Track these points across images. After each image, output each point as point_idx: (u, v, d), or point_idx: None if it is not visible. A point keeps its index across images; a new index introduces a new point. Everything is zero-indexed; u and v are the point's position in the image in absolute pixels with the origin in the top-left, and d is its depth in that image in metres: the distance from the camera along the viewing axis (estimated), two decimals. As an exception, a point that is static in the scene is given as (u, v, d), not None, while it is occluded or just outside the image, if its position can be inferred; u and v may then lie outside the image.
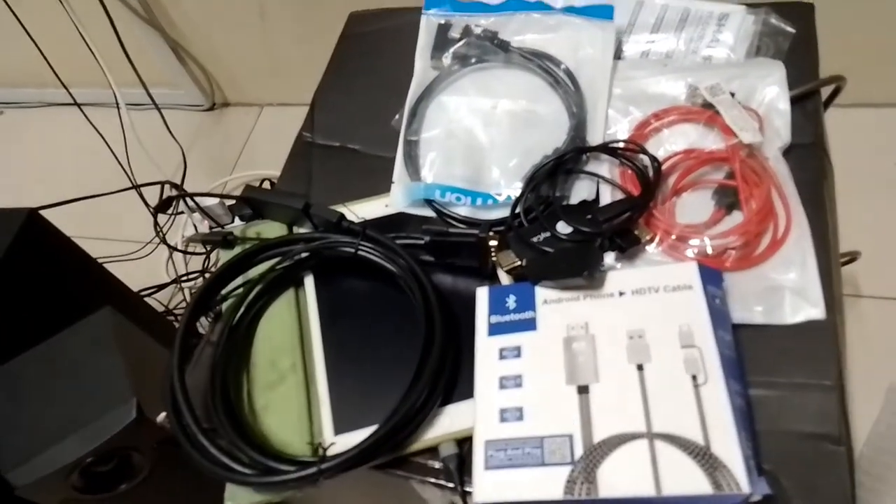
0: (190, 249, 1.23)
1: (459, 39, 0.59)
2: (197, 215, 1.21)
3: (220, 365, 0.46)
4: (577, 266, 0.44)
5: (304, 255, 0.52)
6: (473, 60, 0.59)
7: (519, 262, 0.49)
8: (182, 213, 1.24)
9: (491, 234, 0.50)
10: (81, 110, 1.18)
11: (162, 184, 1.25)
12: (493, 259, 0.49)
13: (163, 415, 0.50)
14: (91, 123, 1.18)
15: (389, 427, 0.41)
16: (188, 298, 1.17)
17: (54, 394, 0.58)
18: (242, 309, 0.50)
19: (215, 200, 1.20)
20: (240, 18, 1.32)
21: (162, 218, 1.19)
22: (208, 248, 1.20)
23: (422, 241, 0.51)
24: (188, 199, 1.10)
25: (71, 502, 0.57)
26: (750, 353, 0.44)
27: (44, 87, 1.62)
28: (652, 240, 0.49)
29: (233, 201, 0.71)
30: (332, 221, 0.53)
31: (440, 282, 0.51)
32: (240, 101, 1.55)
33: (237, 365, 0.49)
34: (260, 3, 1.28)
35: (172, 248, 1.20)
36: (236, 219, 0.66)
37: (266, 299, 0.52)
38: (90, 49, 1.15)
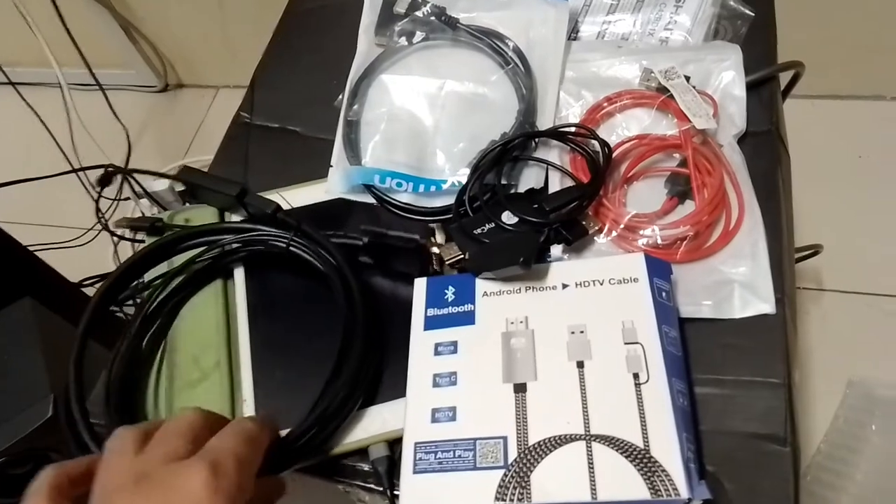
0: (139, 238, 1.17)
1: (405, 16, 0.56)
2: (144, 201, 1.15)
3: (124, 359, 0.43)
4: (514, 255, 0.41)
5: (232, 245, 0.49)
6: (419, 38, 0.56)
7: (462, 255, 0.46)
8: (128, 198, 1.19)
9: (434, 239, 0.47)
10: (17, 90, 1.12)
11: (105, 167, 1.19)
12: (435, 255, 0.46)
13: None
14: (27, 104, 1.12)
15: (299, 433, 0.38)
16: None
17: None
18: (160, 299, 0.47)
19: (164, 185, 1.15)
20: (193, -3, 1.27)
21: (105, 203, 1.13)
22: (134, 235, 1.14)
23: (360, 242, 0.48)
24: (135, 185, 1.05)
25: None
26: (696, 349, 0.42)
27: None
28: (600, 230, 0.47)
29: (183, 187, 0.67)
30: (266, 212, 0.50)
31: (378, 284, 0.48)
32: (194, 83, 1.49)
33: (154, 360, 0.46)
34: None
35: (116, 236, 1.14)
36: (187, 205, 0.63)
37: (189, 290, 0.48)
38: (30, 27, 1.09)
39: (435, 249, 0.47)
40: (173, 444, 0.32)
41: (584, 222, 0.46)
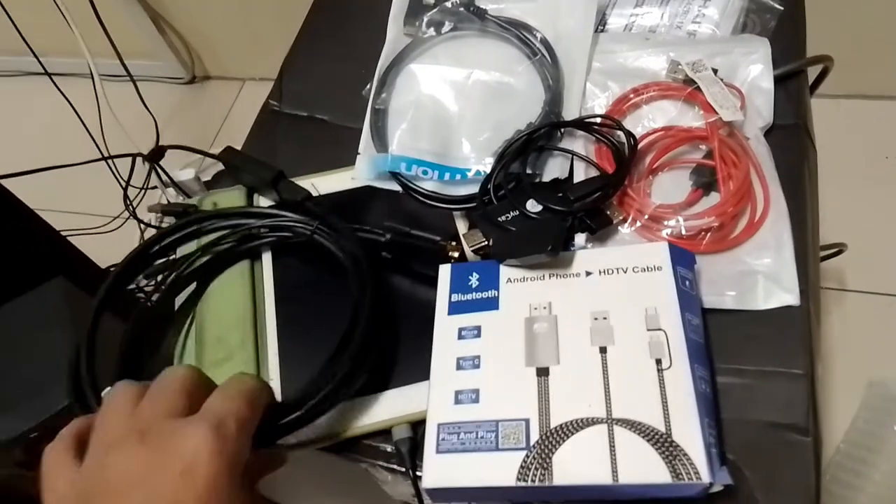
0: (155, 224, 1.20)
1: (434, 6, 0.57)
2: (171, 190, 1.18)
3: (135, 338, 0.44)
4: (539, 242, 0.41)
5: (259, 230, 0.50)
6: (447, 28, 0.56)
7: (485, 242, 0.46)
8: (155, 187, 1.22)
9: (453, 244, 0.47)
10: (52, 80, 1.14)
11: (134, 156, 1.22)
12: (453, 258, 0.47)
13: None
14: (61, 93, 1.15)
15: (293, 403, 0.38)
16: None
17: (1, 365, 0.55)
18: (183, 276, 0.48)
19: (191, 175, 1.18)
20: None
21: (132, 192, 1.16)
22: (160, 222, 1.16)
23: (382, 239, 0.48)
24: (162, 174, 1.08)
25: (17, 478, 0.55)
26: (719, 339, 0.42)
27: (17, 56, 1.58)
28: (625, 220, 0.47)
29: (208, 177, 0.69)
30: (296, 199, 0.51)
31: (402, 272, 0.49)
32: (221, 75, 1.52)
33: (178, 338, 0.47)
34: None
35: (143, 223, 1.17)
36: (215, 190, 0.64)
37: (215, 271, 0.49)
38: (64, 17, 1.11)
39: (454, 253, 0.47)
40: (172, 400, 0.31)
41: (608, 212, 0.47)
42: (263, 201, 0.54)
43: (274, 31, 1.34)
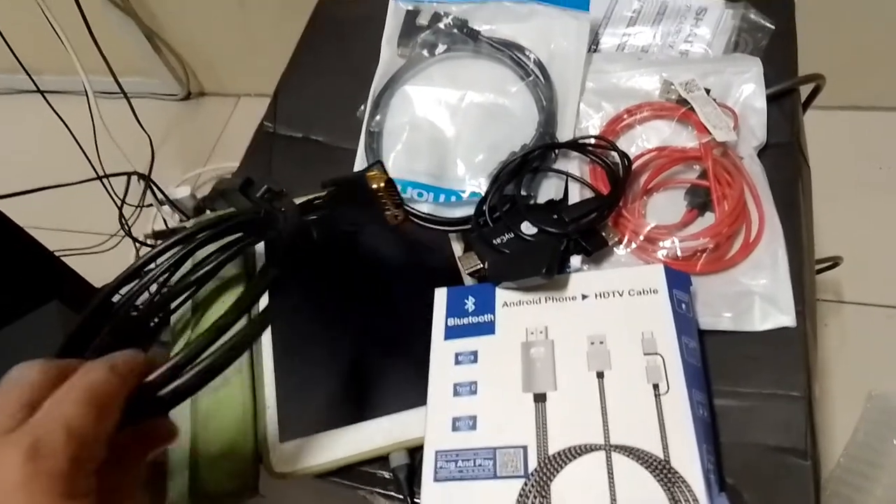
0: (150, 242, 1.19)
1: (428, 27, 0.57)
2: (166, 208, 1.18)
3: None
4: (535, 264, 0.41)
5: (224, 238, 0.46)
6: (441, 49, 0.56)
7: (481, 265, 0.46)
8: (150, 205, 1.22)
9: (375, 172, 0.42)
10: (44, 97, 1.14)
11: (129, 174, 1.22)
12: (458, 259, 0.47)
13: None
14: (54, 111, 1.14)
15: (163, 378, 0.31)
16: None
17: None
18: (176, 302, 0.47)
19: (186, 192, 1.18)
20: (218, 5, 1.29)
21: (128, 210, 1.15)
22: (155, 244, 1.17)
23: (323, 194, 0.46)
24: (157, 192, 1.08)
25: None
26: (716, 361, 0.42)
27: (10, 73, 1.58)
28: (620, 241, 0.47)
29: (204, 193, 0.68)
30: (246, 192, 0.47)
31: (400, 292, 0.48)
32: (216, 91, 1.52)
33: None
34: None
35: (139, 242, 1.16)
36: (207, 212, 0.62)
37: (206, 290, 0.49)
38: (57, 34, 1.11)
39: (375, 184, 0.42)
40: (3, 411, 0.26)
41: (603, 233, 0.47)
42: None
43: (269, 47, 1.35)
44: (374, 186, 0.42)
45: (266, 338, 0.47)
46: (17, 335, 0.59)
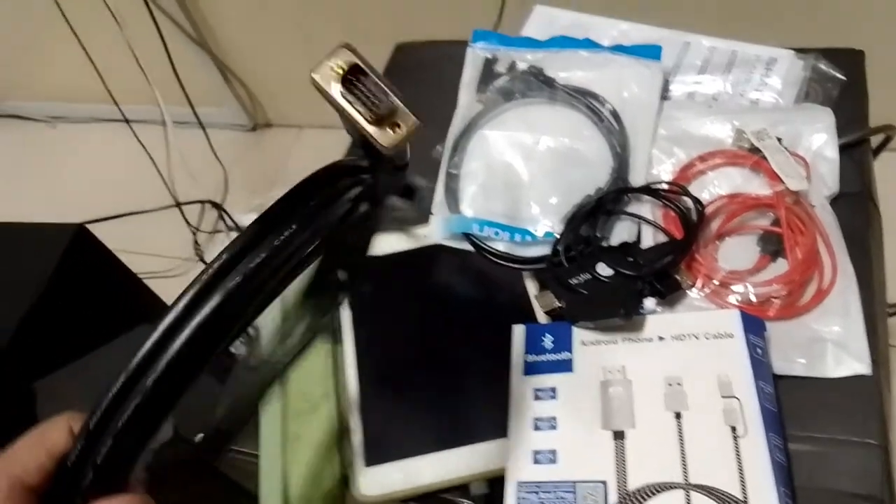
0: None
1: (505, 74, 0.60)
2: (234, 233, 1.23)
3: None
4: (613, 305, 0.43)
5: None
6: (518, 95, 0.59)
7: (558, 304, 0.48)
8: (220, 231, 1.27)
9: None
10: (131, 128, 1.22)
11: (203, 202, 1.29)
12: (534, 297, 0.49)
13: (200, 435, 0.51)
14: (139, 141, 1.22)
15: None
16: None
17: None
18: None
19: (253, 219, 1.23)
20: (286, 42, 1.36)
21: (200, 235, 1.21)
22: None
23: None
24: (227, 218, 1.13)
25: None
26: (790, 405, 0.43)
27: (94, 103, 1.68)
28: (693, 285, 0.49)
29: None
30: None
31: (476, 328, 0.51)
32: (281, 123, 1.59)
33: (270, 391, 0.50)
34: (306, 28, 1.31)
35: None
36: None
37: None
38: (140, 67, 1.19)
39: None
40: None
41: (677, 277, 0.48)
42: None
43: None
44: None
45: (351, 366, 0.50)
46: (113, 355, 0.63)
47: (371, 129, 0.28)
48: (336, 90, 0.28)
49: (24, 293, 0.66)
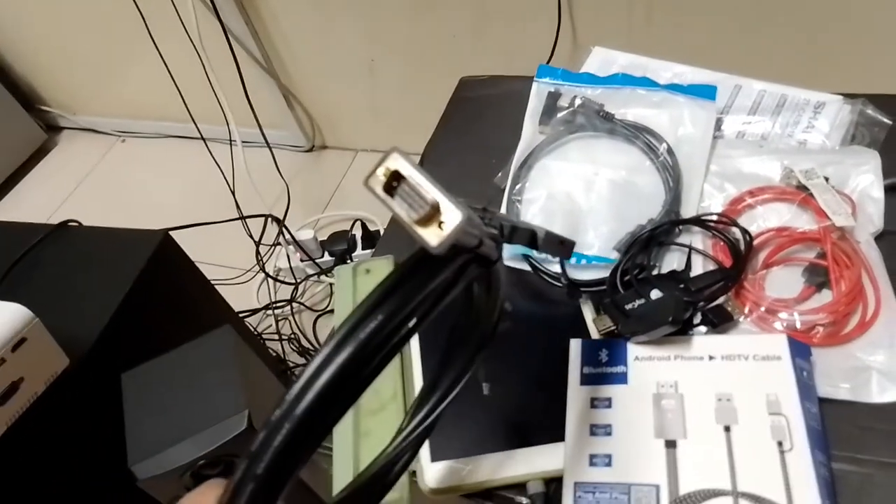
0: (281, 278, 1.32)
1: (567, 108, 0.65)
2: (291, 247, 1.30)
3: None
4: (662, 316, 0.47)
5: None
6: (579, 128, 0.64)
7: (613, 327, 0.52)
8: (279, 244, 1.34)
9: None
10: (206, 144, 1.30)
11: (266, 217, 1.36)
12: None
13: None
14: (213, 157, 1.30)
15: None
16: (276, 325, 1.25)
17: (176, 399, 0.64)
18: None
19: (309, 235, 1.30)
20: (350, 72, 1.44)
21: (262, 248, 1.29)
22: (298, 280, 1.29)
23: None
24: (285, 232, 1.20)
25: (178, 500, 0.63)
26: (833, 428, 0.46)
27: (161, 120, 1.79)
28: (743, 314, 0.52)
29: (323, 238, 0.76)
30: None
31: (533, 342, 0.54)
32: (336, 145, 1.67)
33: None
34: (371, 60, 1.39)
35: (271, 278, 1.29)
36: (325, 254, 0.72)
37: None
38: (213, 90, 1.27)
39: None
40: None
41: (727, 306, 0.51)
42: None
43: (390, 110, 1.49)
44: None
45: (418, 370, 0.54)
46: (196, 351, 0.68)
47: (418, 230, 0.27)
48: (384, 194, 0.28)
49: (115, 291, 0.72)
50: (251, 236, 1.30)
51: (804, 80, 0.66)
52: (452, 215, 0.27)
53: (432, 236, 0.27)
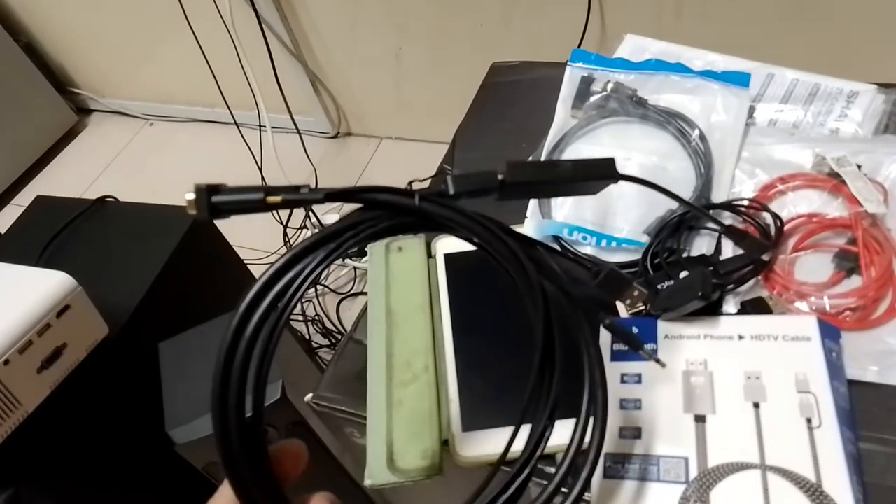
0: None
1: (600, 92, 0.65)
2: (317, 231, 1.33)
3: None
4: (691, 291, 0.48)
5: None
6: (611, 113, 0.65)
7: (643, 307, 0.53)
8: (305, 227, 1.36)
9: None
10: (239, 129, 1.32)
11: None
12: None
13: (309, 395, 0.58)
14: (245, 142, 1.33)
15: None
16: (301, 306, 1.27)
17: (211, 369, 0.66)
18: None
19: (335, 218, 1.33)
20: (377, 59, 1.45)
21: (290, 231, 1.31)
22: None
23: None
24: (311, 216, 1.22)
25: (213, 466, 0.65)
26: (861, 409, 0.46)
27: (190, 105, 1.81)
28: (781, 308, 0.52)
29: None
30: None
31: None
32: (361, 132, 1.68)
33: (378, 360, 0.56)
34: (398, 48, 1.40)
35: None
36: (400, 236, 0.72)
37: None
38: (245, 75, 1.29)
39: None
40: None
41: (768, 301, 0.52)
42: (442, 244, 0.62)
43: (415, 98, 1.50)
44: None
45: (448, 342, 0.56)
46: (221, 325, 0.70)
47: None
48: None
49: (152, 265, 0.75)
50: (279, 220, 1.33)
51: (837, 69, 0.66)
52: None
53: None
